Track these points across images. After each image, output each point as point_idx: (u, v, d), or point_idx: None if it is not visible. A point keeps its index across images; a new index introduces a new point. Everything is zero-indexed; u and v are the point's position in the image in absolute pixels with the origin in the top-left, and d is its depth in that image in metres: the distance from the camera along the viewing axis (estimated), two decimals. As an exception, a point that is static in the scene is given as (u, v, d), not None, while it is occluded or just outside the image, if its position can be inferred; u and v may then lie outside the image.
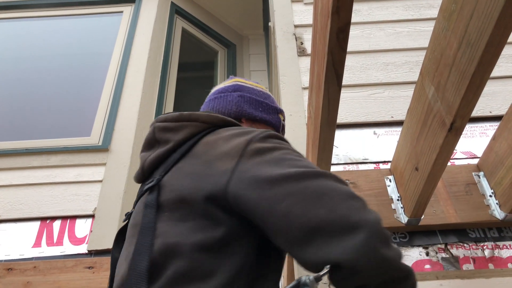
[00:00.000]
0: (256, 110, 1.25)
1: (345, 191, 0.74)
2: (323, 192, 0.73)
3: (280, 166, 0.77)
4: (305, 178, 0.75)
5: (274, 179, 0.75)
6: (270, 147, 0.83)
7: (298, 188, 0.74)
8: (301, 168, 0.76)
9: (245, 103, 1.25)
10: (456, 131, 1.16)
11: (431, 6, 2.44)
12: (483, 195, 1.63)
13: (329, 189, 0.74)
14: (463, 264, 1.54)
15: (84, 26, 3.52)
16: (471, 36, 0.99)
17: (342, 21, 0.89)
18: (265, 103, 1.28)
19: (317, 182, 0.74)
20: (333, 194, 0.73)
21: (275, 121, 1.27)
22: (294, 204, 0.72)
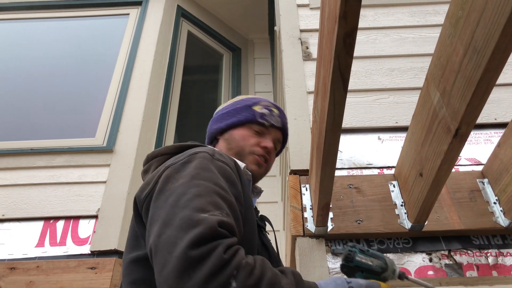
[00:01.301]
0: (222, 122, 1.35)
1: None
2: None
3: (163, 207, 0.89)
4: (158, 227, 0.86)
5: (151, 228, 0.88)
6: (161, 189, 0.95)
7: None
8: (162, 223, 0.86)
9: (213, 124, 1.39)
10: (461, 138, 1.16)
11: (437, 12, 2.44)
12: (487, 202, 1.63)
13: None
14: (467, 271, 1.53)
15: (90, 28, 3.54)
16: (477, 43, 0.99)
17: (349, 26, 0.89)
18: (231, 110, 1.37)
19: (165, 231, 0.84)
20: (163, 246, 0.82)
21: (245, 117, 1.32)
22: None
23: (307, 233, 1.61)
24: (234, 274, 0.73)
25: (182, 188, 0.90)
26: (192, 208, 0.83)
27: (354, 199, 1.68)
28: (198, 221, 0.78)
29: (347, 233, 1.61)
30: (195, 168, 0.96)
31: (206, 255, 0.73)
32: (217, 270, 0.72)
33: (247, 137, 1.30)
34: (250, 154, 1.29)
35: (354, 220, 1.62)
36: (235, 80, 3.89)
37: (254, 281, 0.74)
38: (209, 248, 0.74)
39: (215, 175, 0.96)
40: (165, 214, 0.85)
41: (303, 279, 0.87)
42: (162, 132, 2.94)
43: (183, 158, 1.01)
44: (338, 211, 1.65)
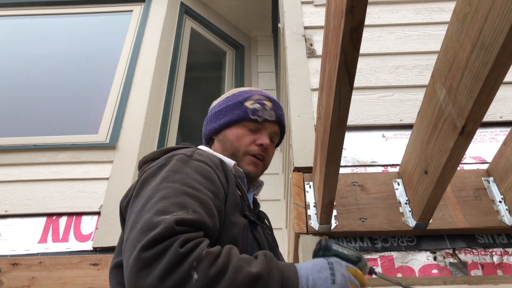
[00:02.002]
0: (215, 121, 1.31)
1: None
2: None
3: (133, 212, 0.91)
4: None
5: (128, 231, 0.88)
6: (136, 194, 0.97)
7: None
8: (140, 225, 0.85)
9: (208, 124, 1.35)
10: (467, 135, 1.15)
11: (442, 10, 2.42)
12: (493, 201, 1.62)
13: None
14: (471, 270, 1.52)
15: (93, 24, 3.54)
16: (485, 39, 0.98)
17: (356, 21, 0.88)
18: (223, 107, 1.31)
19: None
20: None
21: (237, 115, 1.27)
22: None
23: (311, 230, 1.60)
24: (194, 266, 0.74)
25: (150, 191, 0.92)
26: (155, 210, 0.84)
27: (358, 196, 1.67)
28: (157, 223, 0.80)
29: (351, 231, 1.60)
30: (167, 171, 0.97)
31: (161, 253, 0.75)
32: (174, 265, 0.73)
33: (241, 137, 1.25)
34: (245, 155, 1.25)
35: (358, 218, 1.61)
36: (238, 77, 3.88)
37: (218, 270, 0.75)
38: (164, 246, 0.76)
39: (187, 176, 0.96)
40: (133, 219, 0.87)
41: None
42: (165, 129, 2.93)
43: (160, 161, 1.03)
44: (342, 208, 1.64)
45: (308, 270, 0.87)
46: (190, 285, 0.72)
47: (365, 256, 1.59)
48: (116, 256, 1.06)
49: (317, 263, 0.89)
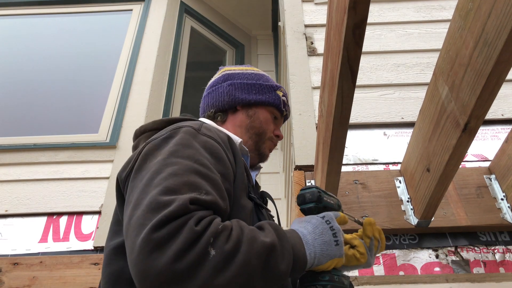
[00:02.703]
0: (250, 93, 1.24)
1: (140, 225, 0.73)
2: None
3: (137, 186, 0.82)
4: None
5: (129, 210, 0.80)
6: (139, 167, 0.88)
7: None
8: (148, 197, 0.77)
9: (237, 90, 1.25)
10: (470, 132, 1.15)
11: (443, 8, 2.42)
12: (495, 198, 1.62)
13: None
14: (474, 268, 1.52)
15: (93, 23, 3.53)
16: (488, 35, 0.98)
17: (359, 17, 0.88)
18: (258, 84, 1.26)
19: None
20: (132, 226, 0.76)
21: (273, 100, 1.25)
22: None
23: (312, 229, 1.59)
24: (211, 242, 0.70)
25: (157, 166, 0.83)
26: (164, 188, 0.77)
27: (360, 194, 1.67)
28: (168, 201, 0.73)
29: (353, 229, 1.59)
30: (175, 144, 0.89)
31: (175, 232, 0.68)
32: (190, 243, 0.68)
33: (269, 122, 1.25)
34: (268, 140, 1.25)
35: (360, 216, 1.61)
36: (238, 76, 3.87)
37: (234, 243, 0.72)
38: (178, 224, 0.70)
39: (197, 152, 0.88)
40: (137, 195, 0.79)
41: None
42: (166, 128, 2.92)
43: (164, 133, 0.94)
44: (344, 206, 1.63)
45: (311, 236, 0.87)
46: (208, 262, 0.68)
47: (367, 254, 1.59)
48: (112, 237, 0.95)
49: (317, 226, 0.89)
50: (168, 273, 0.65)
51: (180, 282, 0.66)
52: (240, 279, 0.70)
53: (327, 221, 0.90)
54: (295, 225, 0.93)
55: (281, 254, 0.77)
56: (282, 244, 0.79)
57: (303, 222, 0.92)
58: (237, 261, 0.70)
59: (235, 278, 0.69)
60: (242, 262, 0.70)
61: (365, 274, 1.54)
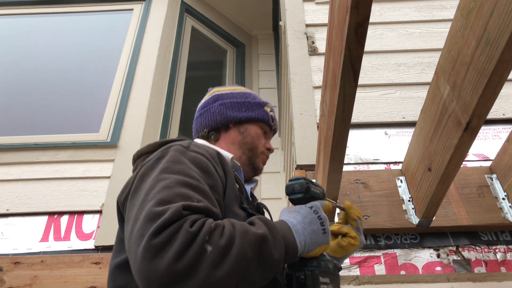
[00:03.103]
0: (240, 111, 1.32)
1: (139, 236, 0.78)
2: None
3: (135, 205, 0.87)
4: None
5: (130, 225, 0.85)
6: (136, 188, 0.93)
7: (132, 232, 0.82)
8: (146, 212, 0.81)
9: (228, 109, 1.33)
10: (472, 131, 1.15)
11: (444, 7, 2.42)
12: (496, 198, 1.62)
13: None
14: (475, 267, 1.52)
15: (94, 23, 3.53)
16: (490, 34, 0.98)
17: (361, 16, 0.88)
18: (247, 102, 1.35)
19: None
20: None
21: (262, 115, 1.33)
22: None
23: (314, 228, 1.59)
24: (207, 239, 0.74)
25: (151, 183, 0.89)
26: (158, 200, 0.82)
27: (361, 194, 1.67)
28: (163, 210, 0.78)
29: (354, 229, 1.59)
30: (166, 161, 0.95)
31: (172, 236, 0.73)
32: (188, 243, 0.72)
33: (260, 136, 1.33)
34: (261, 154, 1.32)
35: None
36: (239, 76, 3.87)
37: (227, 238, 0.76)
38: (174, 228, 0.74)
39: (187, 166, 0.94)
40: (136, 211, 0.84)
41: None
42: (166, 128, 2.93)
43: (157, 154, 1.01)
44: (345, 206, 1.63)
45: (300, 226, 0.93)
46: (205, 258, 0.72)
47: (369, 253, 1.59)
48: (115, 256, 1.01)
49: (306, 216, 0.95)
50: (170, 274, 0.69)
51: (182, 281, 0.70)
52: (238, 271, 0.74)
53: (315, 211, 0.97)
54: (285, 215, 0.98)
55: (273, 244, 0.82)
56: (273, 235, 0.83)
57: (293, 212, 0.98)
58: (233, 254, 0.74)
59: (234, 270, 0.73)
60: (238, 254, 0.74)
61: (366, 273, 1.54)
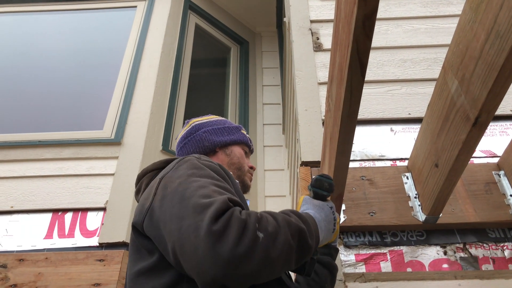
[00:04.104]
0: (223, 136, 1.47)
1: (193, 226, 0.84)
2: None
3: (172, 206, 0.92)
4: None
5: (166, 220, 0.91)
6: (163, 196, 0.97)
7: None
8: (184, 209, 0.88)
9: (212, 135, 1.46)
10: (480, 126, 1.13)
11: (450, 3, 2.40)
12: (504, 195, 1.60)
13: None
14: (482, 265, 1.50)
15: (98, 20, 3.53)
16: (500, 27, 0.96)
17: (369, 8, 0.86)
18: (226, 127, 1.50)
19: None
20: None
21: (242, 138, 1.49)
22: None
23: (319, 225, 1.58)
24: (257, 227, 0.82)
25: (183, 186, 0.94)
26: (200, 195, 0.88)
27: (367, 191, 1.66)
28: (210, 202, 0.84)
29: (360, 225, 1.58)
30: (188, 168, 1.02)
31: (227, 223, 0.80)
32: (243, 230, 0.80)
33: (243, 156, 1.48)
34: (247, 172, 1.48)
35: (367, 212, 1.60)
36: (242, 73, 3.86)
37: (274, 226, 0.85)
38: (228, 216, 0.81)
39: (209, 172, 1.02)
40: (176, 211, 0.88)
41: None
42: (170, 125, 2.92)
43: (173, 166, 1.07)
44: (351, 203, 1.62)
45: (323, 223, 1.09)
46: (259, 244, 0.79)
47: (375, 250, 1.58)
48: (135, 264, 1.04)
49: (328, 215, 1.13)
50: (233, 258, 0.77)
51: (242, 263, 0.77)
52: (284, 254, 0.83)
53: (333, 212, 1.14)
54: (310, 206, 1.14)
55: (309, 235, 0.93)
56: (309, 227, 0.96)
57: (317, 208, 1.14)
58: (280, 240, 0.83)
59: (281, 254, 0.83)
60: (284, 241, 0.84)
61: (372, 270, 1.53)
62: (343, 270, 1.51)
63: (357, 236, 1.61)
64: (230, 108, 3.54)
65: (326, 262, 1.31)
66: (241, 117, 3.55)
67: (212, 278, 0.77)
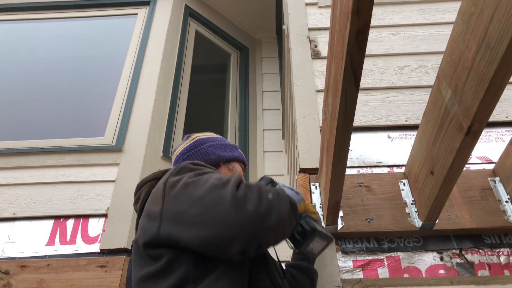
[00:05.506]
0: (227, 151, 1.53)
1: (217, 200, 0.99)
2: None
3: (188, 196, 1.03)
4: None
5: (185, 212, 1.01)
6: (178, 180, 1.08)
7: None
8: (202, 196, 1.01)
9: (217, 150, 1.52)
10: (473, 135, 1.16)
11: (446, 10, 2.42)
12: (499, 201, 1.62)
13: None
14: (478, 270, 1.52)
15: (99, 27, 3.56)
16: (491, 39, 0.98)
17: (362, 22, 0.89)
18: (227, 144, 1.56)
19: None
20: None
21: (241, 156, 1.56)
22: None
23: (317, 231, 1.60)
24: (266, 190, 1.02)
25: (192, 179, 1.06)
26: (214, 178, 1.03)
27: (364, 197, 1.68)
28: (227, 179, 1.02)
29: (357, 232, 1.60)
30: (190, 169, 1.13)
31: (247, 189, 0.99)
32: (259, 193, 0.99)
33: (242, 173, 1.56)
34: None
35: (364, 219, 1.62)
36: (243, 79, 3.89)
37: (274, 191, 1.05)
38: (245, 185, 1.01)
39: (209, 169, 1.17)
40: (195, 197, 0.99)
41: None
42: (171, 131, 2.95)
43: (172, 171, 1.15)
44: (348, 209, 1.64)
45: (288, 191, 1.24)
46: (272, 203, 0.99)
47: (372, 256, 1.60)
48: (139, 270, 1.08)
49: (285, 186, 1.30)
50: (260, 214, 0.95)
51: (267, 217, 0.96)
52: (287, 212, 1.05)
53: (283, 185, 1.31)
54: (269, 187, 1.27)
55: (293, 199, 1.13)
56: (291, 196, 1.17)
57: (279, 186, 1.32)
58: (283, 199, 1.05)
59: (286, 209, 1.04)
60: (285, 200, 1.06)
61: (369, 276, 1.54)
62: (340, 276, 1.53)
63: (354, 242, 1.63)
64: (230, 114, 3.57)
65: (304, 268, 1.41)
66: (242, 122, 3.57)
67: (251, 234, 0.94)
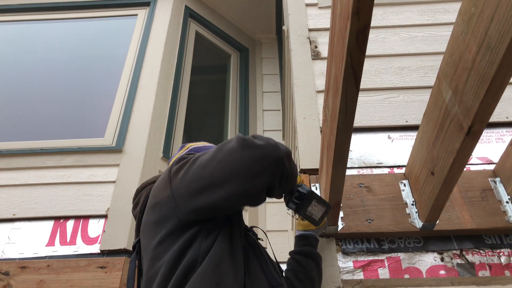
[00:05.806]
0: None
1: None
2: None
3: (197, 165, 1.13)
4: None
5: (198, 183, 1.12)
6: (182, 164, 1.18)
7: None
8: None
9: None
10: (474, 135, 1.15)
11: (446, 11, 2.42)
12: (500, 201, 1.62)
13: None
14: (479, 271, 1.52)
15: (99, 28, 3.56)
16: (491, 39, 0.98)
17: (362, 23, 0.89)
18: None
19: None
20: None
21: None
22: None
23: (317, 232, 1.60)
24: (267, 136, 1.15)
25: (194, 160, 1.15)
26: (215, 148, 1.14)
27: (365, 198, 1.67)
28: (229, 140, 1.13)
29: (358, 232, 1.60)
30: (188, 159, 1.19)
31: (251, 136, 1.12)
32: (263, 138, 1.12)
33: None
34: None
35: (365, 219, 1.61)
36: (243, 80, 3.89)
37: (272, 141, 1.14)
38: (250, 135, 1.13)
39: None
40: (204, 163, 1.11)
41: None
42: (171, 132, 2.94)
43: (172, 165, 1.22)
44: (349, 210, 1.64)
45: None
46: (275, 143, 1.11)
47: (373, 257, 1.59)
48: (153, 236, 1.15)
49: None
50: (271, 145, 1.09)
51: (277, 147, 1.10)
52: (290, 152, 1.15)
53: None
54: None
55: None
56: None
57: None
58: (282, 147, 1.13)
59: (286, 148, 1.14)
60: (285, 147, 1.14)
61: (370, 277, 1.54)
62: (341, 277, 1.53)
63: (355, 243, 1.63)
64: (230, 114, 3.57)
65: (307, 252, 1.44)
66: (241, 123, 3.57)
67: (276, 158, 1.07)
